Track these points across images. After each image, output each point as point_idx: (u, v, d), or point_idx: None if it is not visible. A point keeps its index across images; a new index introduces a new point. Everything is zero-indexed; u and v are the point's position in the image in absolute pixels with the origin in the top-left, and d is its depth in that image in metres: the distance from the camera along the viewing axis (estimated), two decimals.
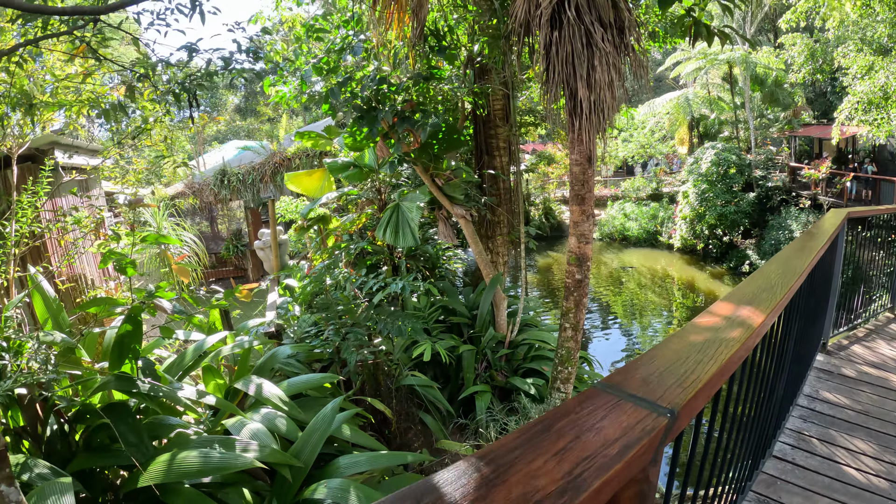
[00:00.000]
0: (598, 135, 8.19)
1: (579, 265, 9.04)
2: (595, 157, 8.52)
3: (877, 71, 19.84)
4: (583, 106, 7.75)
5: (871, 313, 8.97)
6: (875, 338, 8.18)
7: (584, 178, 8.64)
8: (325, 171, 13.76)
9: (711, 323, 2.66)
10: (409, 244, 11.11)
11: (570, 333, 9.38)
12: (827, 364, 7.09)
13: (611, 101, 7.91)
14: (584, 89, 7.66)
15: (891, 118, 19.44)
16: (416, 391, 10.77)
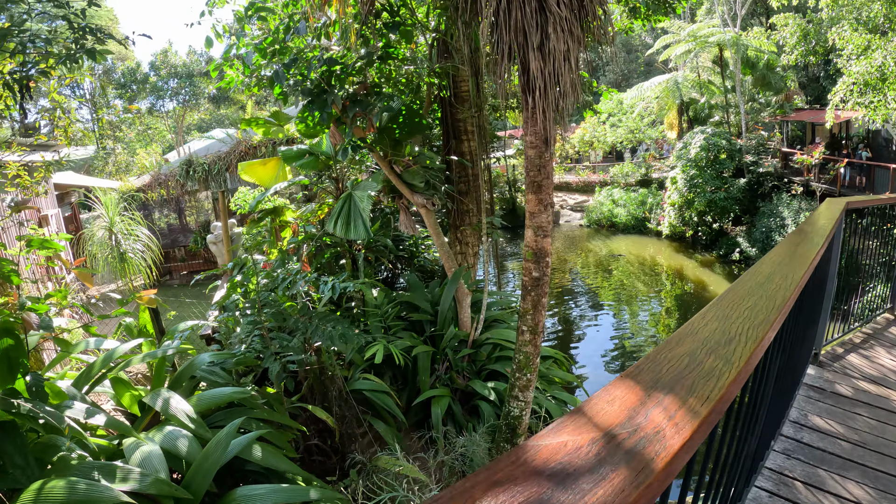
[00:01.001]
0: (556, 113, 7.17)
1: (537, 261, 8.09)
2: (553, 138, 7.51)
3: (874, 51, 18.81)
4: (536, 80, 6.75)
5: (869, 315, 7.97)
6: (873, 344, 7.22)
7: (540, 163, 7.66)
8: (279, 160, 13.00)
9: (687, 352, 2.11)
10: (360, 237, 10.40)
11: (527, 337, 8.47)
12: (819, 379, 6.11)
13: (569, 73, 6.89)
14: (536, 61, 6.69)
15: (888, 101, 18.42)
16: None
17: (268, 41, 9.66)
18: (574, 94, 7.06)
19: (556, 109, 7.08)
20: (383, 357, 10.05)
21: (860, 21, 20.44)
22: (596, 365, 18.63)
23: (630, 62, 71.77)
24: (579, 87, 7.19)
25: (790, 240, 4.59)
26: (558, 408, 10.52)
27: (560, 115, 7.32)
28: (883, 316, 8.23)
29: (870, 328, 7.77)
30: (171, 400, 6.44)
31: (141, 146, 41.47)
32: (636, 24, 16.07)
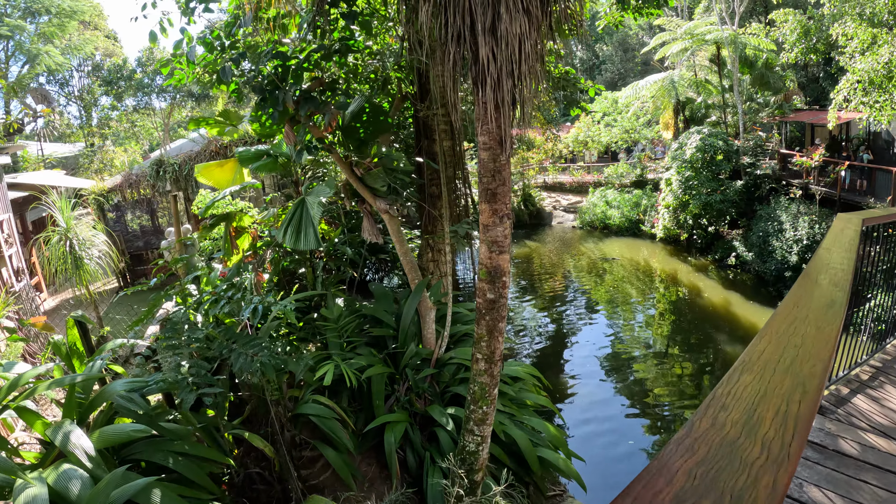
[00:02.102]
0: (514, 109, 6.11)
1: (491, 281, 7.04)
2: (509, 139, 6.45)
3: (880, 46, 17.75)
4: (487, 69, 5.69)
5: (878, 346, 6.91)
6: (883, 381, 6.15)
7: (494, 168, 6.60)
8: (237, 162, 12.19)
9: None
10: (310, 247, 9.51)
11: (483, 366, 7.45)
12: (820, 433, 5.05)
13: (528, 61, 5.82)
14: (487, 46, 5.63)
15: (894, 101, 17.36)
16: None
17: (214, 34, 8.89)
18: (535, 84, 5.98)
19: (512, 104, 6.01)
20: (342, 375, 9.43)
21: (864, 17, 19.40)
22: (589, 373, 18.13)
23: (627, 61, 70.89)
24: (542, 78, 6.10)
25: (805, 296, 3.59)
26: (525, 436, 9.53)
27: (522, 112, 6.25)
28: (893, 344, 7.16)
29: (879, 359, 6.70)
30: (71, 435, 6.06)
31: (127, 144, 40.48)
32: (627, 18, 15.40)
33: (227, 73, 8.43)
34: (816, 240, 23.28)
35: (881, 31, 18.26)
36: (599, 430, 14.76)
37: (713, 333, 20.92)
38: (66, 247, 13.38)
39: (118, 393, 7.47)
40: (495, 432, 9.41)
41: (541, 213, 41.94)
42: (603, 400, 16.37)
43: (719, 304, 23.82)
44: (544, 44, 6.30)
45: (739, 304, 23.52)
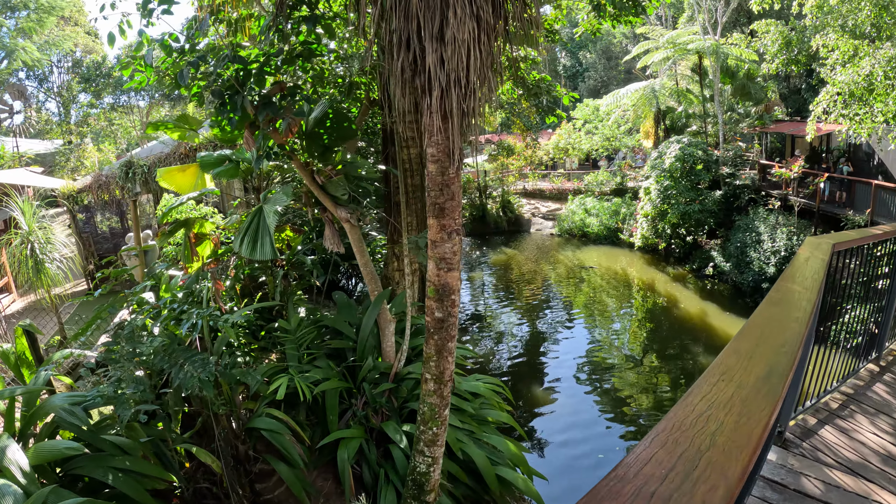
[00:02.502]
0: (466, 119, 5.78)
1: (440, 299, 6.70)
2: (459, 150, 6.10)
3: (861, 58, 17.51)
4: (435, 76, 5.36)
5: (849, 371, 6.57)
6: (853, 410, 5.82)
7: (443, 181, 6.26)
8: (199, 166, 11.75)
9: None
10: (266, 257, 9.13)
11: (432, 386, 7.13)
12: (781, 470, 4.72)
13: (480, 67, 5.48)
14: (434, 52, 5.28)
15: (874, 114, 17.11)
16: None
17: (172, 37, 8.61)
18: (486, 93, 5.64)
19: (462, 113, 5.67)
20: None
21: (846, 29, 19.19)
22: (566, 382, 18.11)
23: (610, 69, 70.87)
24: (493, 86, 5.76)
25: (762, 328, 3.25)
26: (483, 454, 9.22)
27: (473, 122, 5.91)
28: (867, 368, 6.85)
29: (851, 385, 6.37)
30: (7, 450, 6.01)
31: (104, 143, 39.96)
32: (607, 26, 15.20)
33: (185, 76, 8.05)
34: (794, 251, 23.06)
35: (863, 42, 18.04)
36: (573, 440, 14.64)
37: (690, 344, 20.81)
38: (27, 250, 13.03)
39: (61, 407, 7.29)
40: (453, 450, 9.17)
41: (519, 220, 41.69)
42: (579, 410, 16.26)
43: (696, 314, 23.67)
44: (498, 50, 5.97)
45: (716, 315, 23.36)
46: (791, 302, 3.69)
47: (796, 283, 4.05)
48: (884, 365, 6.93)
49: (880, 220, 22.21)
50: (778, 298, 3.74)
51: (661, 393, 17.18)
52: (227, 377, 8.63)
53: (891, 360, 7.09)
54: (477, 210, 40.65)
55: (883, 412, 5.76)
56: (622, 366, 19.24)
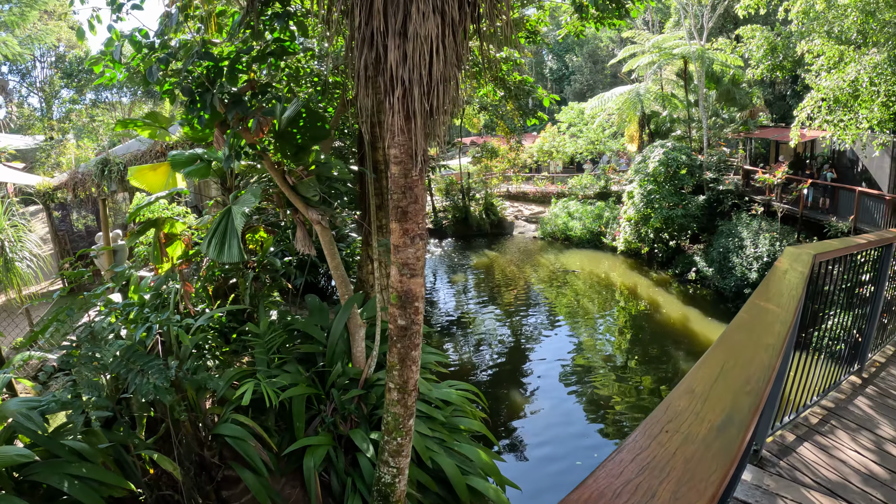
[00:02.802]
0: (431, 119, 5.52)
1: (402, 307, 6.46)
2: (423, 152, 5.85)
3: (847, 64, 17.35)
4: (397, 74, 5.11)
5: (831, 383, 6.33)
6: (834, 426, 5.59)
7: (406, 184, 6.02)
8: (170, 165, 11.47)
9: None
10: (233, 259, 8.87)
11: (395, 396, 6.89)
12: (756, 491, 4.47)
13: (444, 65, 5.23)
14: (397, 49, 5.04)
15: (859, 120, 16.93)
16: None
17: (142, 33, 8.31)
18: (451, 93, 5.39)
19: (425, 114, 5.42)
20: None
21: (832, 35, 19.04)
22: (548, 387, 17.98)
23: (597, 72, 70.83)
24: (457, 84, 5.51)
25: (725, 360, 2.88)
26: (453, 464, 8.97)
27: (440, 123, 5.65)
28: (849, 380, 6.62)
29: (832, 399, 6.13)
30: None
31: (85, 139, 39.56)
32: (591, 28, 15.08)
33: (153, 73, 7.91)
34: (776, 257, 22.94)
35: (848, 48, 17.88)
36: (552, 446, 14.51)
37: (672, 349, 20.65)
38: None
39: (17, 411, 7.12)
40: (422, 459, 8.92)
41: (502, 223, 41.48)
42: (559, 415, 16.15)
43: (678, 319, 23.53)
44: (464, 48, 5.71)
45: (698, 321, 23.20)
46: (763, 325, 3.30)
47: (771, 302, 3.68)
48: (866, 377, 6.72)
49: (864, 226, 22.22)
50: (748, 321, 3.38)
51: (641, 397, 17.07)
52: (191, 383, 8.45)
53: (873, 371, 6.88)
54: (460, 212, 40.44)
55: (865, 428, 5.53)
56: (604, 370, 19.09)
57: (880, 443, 5.30)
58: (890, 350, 7.52)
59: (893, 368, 6.96)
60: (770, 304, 3.63)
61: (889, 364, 7.05)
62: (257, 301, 11.75)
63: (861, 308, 6.50)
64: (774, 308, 3.54)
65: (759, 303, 3.66)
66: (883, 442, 5.31)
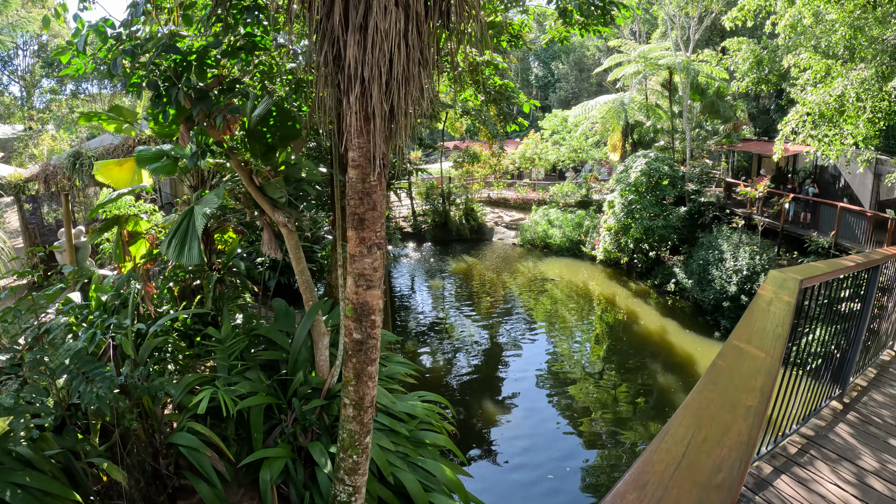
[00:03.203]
0: (393, 121, 5.19)
1: (358, 319, 6.12)
2: (383, 155, 5.50)
3: (834, 78, 17.10)
4: (355, 72, 4.78)
5: (812, 409, 6.00)
6: (814, 457, 5.26)
7: (364, 189, 5.69)
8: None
9: None
10: (193, 262, 8.64)
11: (351, 412, 6.56)
12: None
13: (406, 63, 4.90)
14: (357, 45, 4.71)
15: (844, 136, 16.68)
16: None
17: (108, 23, 7.99)
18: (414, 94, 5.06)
19: (385, 115, 5.08)
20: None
21: (819, 50, 18.83)
22: (524, 396, 18.00)
23: (582, 81, 70.75)
24: (421, 84, 5.17)
25: (694, 434, 2.29)
26: (415, 480, 8.64)
27: (403, 127, 5.32)
28: (830, 406, 6.29)
29: (812, 427, 5.80)
30: None
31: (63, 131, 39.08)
32: (576, 35, 14.78)
33: (117, 65, 7.61)
34: (756, 271, 22.87)
35: (836, 62, 17.63)
36: (525, 456, 14.35)
37: (649, 362, 20.48)
38: None
39: None
40: (383, 475, 8.56)
41: (482, 229, 41.31)
42: (534, 426, 16.04)
43: (656, 331, 23.33)
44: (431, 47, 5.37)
45: (676, 333, 22.99)
46: (743, 377, 2.73)
47: (753, 343, 3.19)
48: (847, 402, 6.39)
49: (844, 242, 22.14)
50: (724, 371, 2.81)
51: (617, 408, 16.91)
52: (141, 390, 8.15)
53: (855, 395, 6.55)
54: (440, 216, 40.20)
55: (845, 458, 5.20)
56: (580, 381, 18.94)
57: (862, 475, 4.98)
58: (872, 372, 7.19)
59: (875, 393, 6.63)
60: (752, 346, 3.14)
61: (871, 388, 6.73)
62: (222, 304, 11.40)
63: (844, 331, 6.20)
64: (757, 352, 3.06)
65: (740, 345, 3.16)
66: (864, 474, 4.99)
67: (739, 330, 3.41)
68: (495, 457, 14.28)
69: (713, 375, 2.73)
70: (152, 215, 13.28)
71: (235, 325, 11.13)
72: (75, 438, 7.79)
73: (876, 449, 5.35)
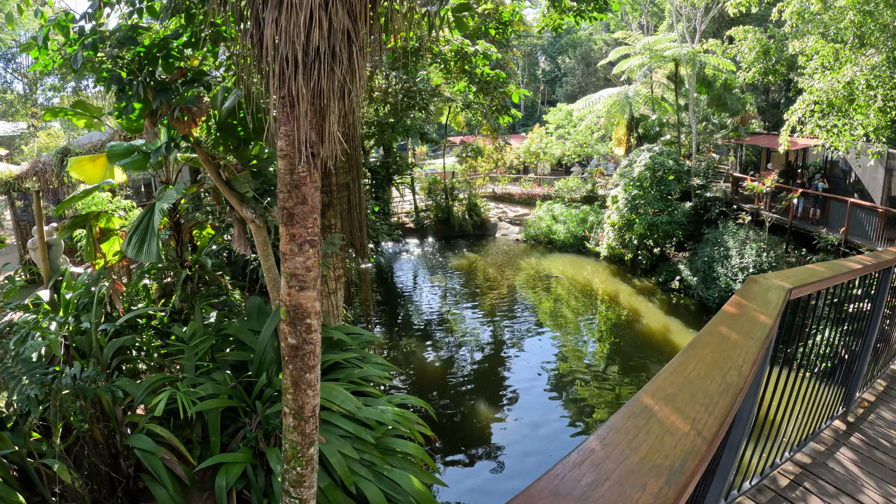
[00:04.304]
0: (313, 103, 4.61)
1: (292, 323, 5.57)
2: (311, 144, 4.91)
3: (843, 64, 16.34)
4: (271, 47, 4.24)
5: (809, 433, 5.12)
6: (808, 490, 4.34)
7: (291, 182, 5.14)
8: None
9: None
10: (151, 259, 8.47)
11: (291, 422, 6.06)
12: None
13: (327, 39, 4.34)
14: (274, 23, 4.21)
15: (853, 126, 15.90)
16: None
17: (69, 17, 7.74)
18: (340, 73, 4.46)
19: (309, 98, 4.50)
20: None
21: (827, 37, 18.12)
22: (525, 394, 17.66)
23: (589, 75, 70.12)
24: (354, 65, 4.58)
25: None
26: (379, 492, 8.12)
27: (330, 110, 4.73)
28: (831, 428, 5.41)
29: (808, 452, 4.90)
30: None
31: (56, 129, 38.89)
32: (569, 21, 14.61)
33: (77, 60, 7.41)
34: (763, 268, 22.20)
35: (844, 47, 16.86)
36: (524, 459, 14.03)
37: (647, 363, 19.83)
38: None
39: None
40: (345, 486, 7.98)
41: (485, 224, 40.75)
42: (532, 427, 15.61)
43: (658, 330, 22.71)
44: (364, 21, 4.76)
45: (679, 332, 22.32)
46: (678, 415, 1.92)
47: (674, 408, 2.02)
48: (852, 421, 5.51)
49: (855, 239, 21.44)
50: (670, 396, 2.08)
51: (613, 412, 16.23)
52: (86, 392, 7.86)
53: (860, 413, 5.69)
54: (442, 212, 39.71)
55: (845, 492, 4.31)
56: (578, 383, 18.49)
57: None
58: (881, 385, 6.34)
59: (884, 409, 5.76)
60: (672, 412, 1.99)
61: (879, 403, 5.87)
62: (193, 302, 10.93)
63: (850, 341, 5.42)
64: (680, 428, 1.87)
65: (653, 407, 2.05)
66: None
67: (659, 382, 2.32)
68: (494, 460, 13.98)
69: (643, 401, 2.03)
70: (130, 212, 12.92)
71: (209, 324, 10.66)
72: (24, 439, 7.69)
73: (882, 480, 4.48)
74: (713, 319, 3.09)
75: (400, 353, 20.33)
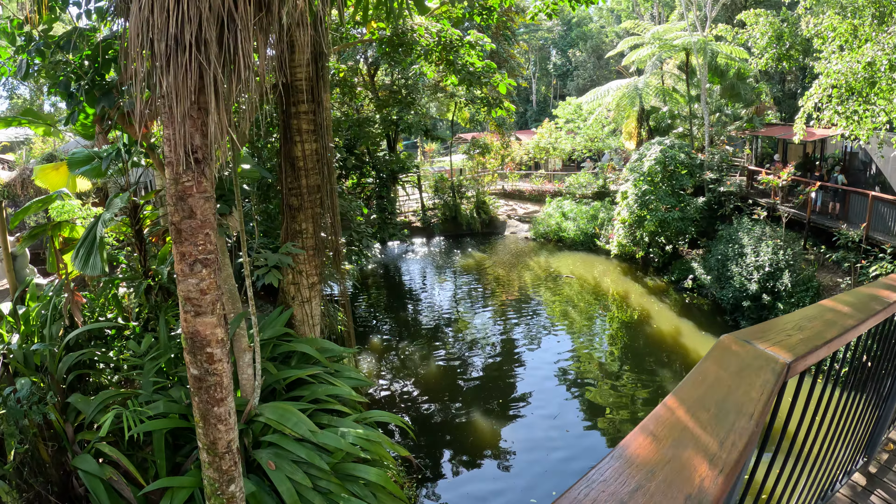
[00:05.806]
0: (209, 101, 3.77)
1: (192, 353, 4.71)
2: (197, 149, 4.07)
3: (862, 42, 15.19)
4: (154, 41, 3.46)
5: (823, 490, 3.85)
6: None
7: (177, 192, 4.42)
8: None
9: None
10: (96, 272, 8.10)
11: (206, 457, 5.47)
12: None
13: (199, 24, 3.48)
14: (139, 12, 3.38)
15: (875, 113, 14.70)
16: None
17: (14, 23, 7.73)
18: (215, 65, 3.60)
19: (187, 93, 3.66)
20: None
21: (844, 15, 16.97)
22: (535, 397, 17.14)
23: (600, 68, 69.44)
24: (249, 61, 3.73)
25: None
26: None
27: (218, 105, 3.87)
28: (848, 485, 4.28)
29: None
30: None
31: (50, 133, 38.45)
32: (564, 5, 13.99)
33: (23, 67, 7.43)
34: (780, 267, 21.08)
35: (863, 23, 15.65)
36: (530, 470, 13.41)
37: (658, 369, 19.01)
38: None
39: None
40: None
41: (494, 222, 39.99)
42: (547, 427, 15.18)
43: (668, 332, 21.75)
44: None
45: (691, 335, 21.36)
46: None
47: None
48: (874, 472, 4.39)
49: (877, 235, 20.34)
50: None
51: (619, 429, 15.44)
52: (15, 413, 7.71)
53: (885, 460, 4.52)
54: (450, 210, 38.93)
55: None
56: (595, 383, 17.98)
57: None
58: None
59: None
60: None
61: None
62: (158, 314, 10.22)
63: (875, 391, 4.13)
64: None
65: None
66: None
67: None
68: (499, 465, 13.61)
69: None
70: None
71: (176, 335, 9.89)
72: None
73: None
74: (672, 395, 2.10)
75: (405, 356, 19.79)
